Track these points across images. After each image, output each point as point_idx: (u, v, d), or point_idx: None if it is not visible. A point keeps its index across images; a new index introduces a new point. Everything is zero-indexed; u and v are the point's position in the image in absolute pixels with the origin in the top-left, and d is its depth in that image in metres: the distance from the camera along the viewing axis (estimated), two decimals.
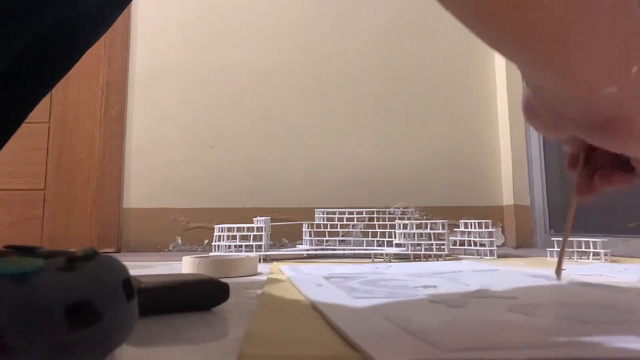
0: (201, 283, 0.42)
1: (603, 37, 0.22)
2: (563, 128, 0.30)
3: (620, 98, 0.25)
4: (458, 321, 0.34)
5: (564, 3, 0.20)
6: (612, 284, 0.52)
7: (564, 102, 0.27)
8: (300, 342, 0.30)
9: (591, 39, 0.22)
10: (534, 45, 0.22)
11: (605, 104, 0.25)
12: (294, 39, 1.65)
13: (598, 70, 0.23)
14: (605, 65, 0.23)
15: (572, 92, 0.25)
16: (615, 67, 0.23)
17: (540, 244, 1.52)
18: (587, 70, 0.23)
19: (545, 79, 0.26)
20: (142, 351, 0.30)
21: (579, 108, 0.26)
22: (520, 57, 0.25)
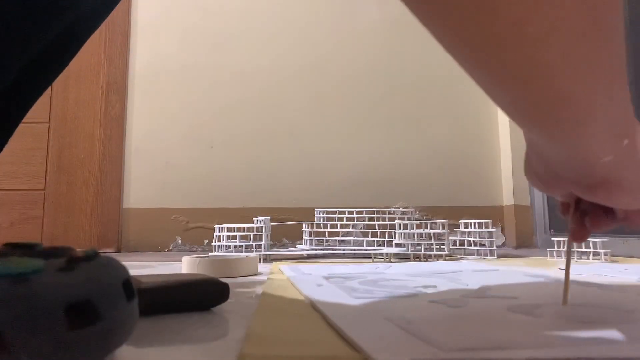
0: (201, 283, 0.42)
1: (605, 114, 0.25)
2: (561, 187, 0.33)
3: (615, 165, 0.28)
4: (458, 321, 0.34)
5: (575, 84, 0.23)
6: (612, 284, 0.52)
7: (564, 166, 0.31)
8: (300, 342, 0.30)
9: (596, 116, 0.25)
10: (542, 119, 0.25)
11: (602, 170, 0.29)
12: (293, 40, 1.65)
13: (599, 143, 0.26)
14: (605, 138, 0.26)
15: (572, 159, 0.28)
16: (612, 140, 0.27)
17: (540, 244, 1.52)
18: (591, 143, 0.26)
19: (549, 146, 0.29)
20: (142, 351, 0.30)
21: (577, 172, 0.30)
22: (526, 125, 0.28)
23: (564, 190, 0.34)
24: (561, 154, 0.29)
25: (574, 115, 0.25)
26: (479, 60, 0.24)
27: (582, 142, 0.26)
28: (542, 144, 0.30)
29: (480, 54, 0.23)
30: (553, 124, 0.25)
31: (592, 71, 0.23)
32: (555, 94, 0.23)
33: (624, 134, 0.27)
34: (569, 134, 0.26)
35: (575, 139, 0.26)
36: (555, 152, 0.29)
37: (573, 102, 0.24)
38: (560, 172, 0.32)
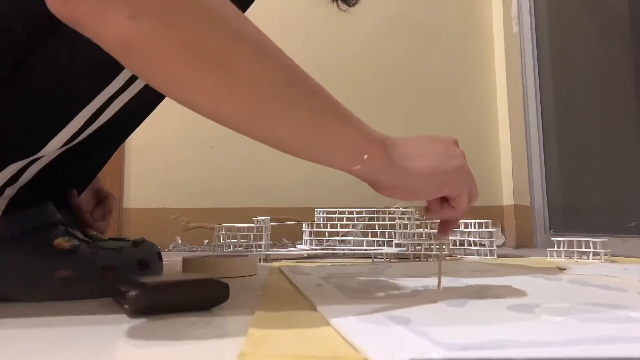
0: (201, 283, 0.42)
1: (334, 153, 0.39)
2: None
3: (363, 173, 0.41)
4: (458, 321, 0.34)
5: (310, 151, 0.39)
6: (612, 284, 0.52)
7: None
8: (300, 342, 0.30)
9: (326, 159, 0.40)
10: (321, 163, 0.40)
11: (362, 175, 0.41)
12: (292, 39, 1.65)
13: (344, 162, 0.40)
14: (345, 158, 0.40)
15: (352, 173, 0.41)
16: (352, 158, 0.40)
17: (540, 244, 1.52)
18: (339, 164, 0.40)
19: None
20: (142, 351, 0.30)
21: (360, 177, 0.42)
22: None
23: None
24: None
25: (320, 161, 0.39)
26: (282, 149, 0.38)
27: (341, 166, 0.40)
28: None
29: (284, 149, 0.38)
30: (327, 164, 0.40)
31: (316, 150, 0.38)
32: (308, 158, 0.39)
33: (361, 153, 0.39)
34: (337, 165, 0.40)
35: (339, 166, 0.40)
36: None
37: (317, 160, 0.39)
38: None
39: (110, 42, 0.30)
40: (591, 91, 1.45)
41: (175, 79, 0.32)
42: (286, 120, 0.36)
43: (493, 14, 1.74)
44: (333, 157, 0.39)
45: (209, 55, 0.31)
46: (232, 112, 0.34)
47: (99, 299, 0.48)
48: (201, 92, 0.32)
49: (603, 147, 1.36)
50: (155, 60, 0.30)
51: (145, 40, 0.29)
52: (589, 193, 1.42)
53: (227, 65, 0.32)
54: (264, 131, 0.36)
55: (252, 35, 0.33)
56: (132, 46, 0.29)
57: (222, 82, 0.32)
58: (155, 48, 0.30)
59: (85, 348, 0.31)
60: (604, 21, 1.42)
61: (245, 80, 0.33)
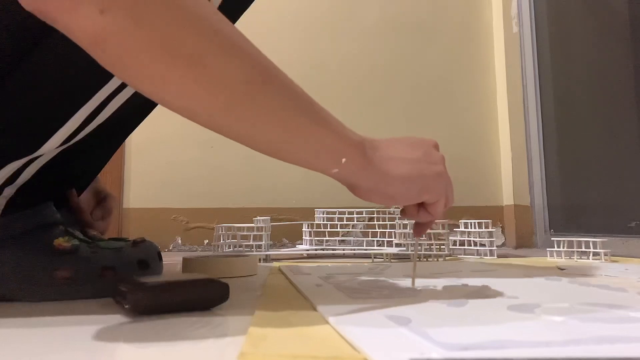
0: (201, 283, 0.42)
1: (311, 156, 0.39)
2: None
3: (341, 176, 0.41)
4: (458, 321, 0.34)
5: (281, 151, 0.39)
6: (612, 284, 0.52)
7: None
8: (300, 342, 0.30)
9: (306, 160, 0.40)
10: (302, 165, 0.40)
11: (341, 178, 0.41)
12: (292, 38, 1.65)
13: (321, 165, 0.40)
14: (323, 162, 0.40)
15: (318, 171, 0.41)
16: (330, 161, 0.39)
17: (540, 244, 1.52)
18: (316, 167, 0.40)
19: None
20: (142, 351, 0.30)
21: (338, 179, 0.42)
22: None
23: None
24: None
25: (300, 163, 0.40)
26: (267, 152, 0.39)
27: (317, 167, 0.40)
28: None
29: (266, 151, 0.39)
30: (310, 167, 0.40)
31: (292, 151, 0.39)
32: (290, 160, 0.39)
33: (338, 156, 0.39)
34: (313, 167, 0.40)
35: (315, 168, 0.40)
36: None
37: (294, 161, 0.39)
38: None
39: (80, 36, 0.30)
40: (591, 91, 1.45)
41: (146, 75, 0.31)
42: (259, 119, 0.35)
43: (493, 14, 1.74)
44: (309, 159, 0.39)
45: (180, 51, 0.31)
46: (204, 110, 0.34)
47: (99, 299, 0.48)
48: (172, 88, 0.32)
49: (603, 147, 1.36)
50: (126, 55, 0.30)
51: (115, 35, 0.29)
52: (589, 193, 1.42)
53: (199, 62, 0.31)
54: (237, 130, 0.36)
55: (226, 32, 0.33)
56: (102, 41, 0.29)
57: (193, 79, 0.32)
58: (125, 43, 0.29)
59: (85, 348, 0.31)
60: (604, 21, 1.42)
61: (217, 77, 0.32)
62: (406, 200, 0.44)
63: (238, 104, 0.34)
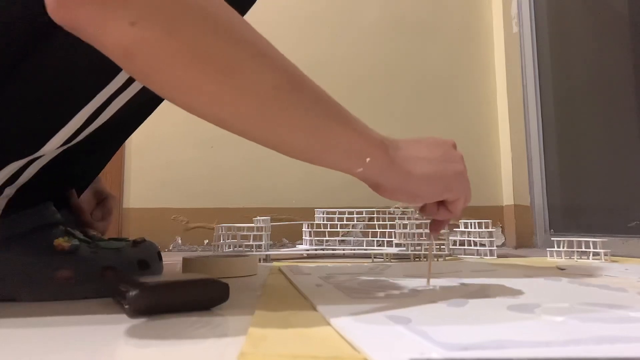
0: (201, 283, 0.42)
1: (337, 157, 0.40)
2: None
3: (366, 175, 0.41)
4: (458, 321, 0.34)
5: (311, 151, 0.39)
6: (612, 284, 0.52)
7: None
8: (300, 342, 0.30)
9: (328, 161, 0.40)
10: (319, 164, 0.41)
11: (365, 178, 0.42)
12: (291, 38, 1.65)
13: (346, 164, 0.40)
14: (347, 162, 0.40)
15: (356, 176, 0.42)
16: (354, 161, 0.40)
17: (540, 244, 1.52)
18: (341, 166, 0.40)
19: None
20: (142, 351, 0.30)
21: (362, 179, 0.42)
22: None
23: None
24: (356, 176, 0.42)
25: (326, 163, 0.40)
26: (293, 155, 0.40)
27: (343, 168, 0.41)
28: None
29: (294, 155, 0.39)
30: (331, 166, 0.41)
31: (319, 153, 0.39)
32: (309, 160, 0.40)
33: (363, 156, 0.40)
34: (339, 168, 0.41)
35: (341, 168, 0.41)
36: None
37: (320, 162, 0.40)
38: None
39: (111, 48, 0.30)
40: (591, 91, 1.45)
41: (177, 84, 0.32)
42: (287, 123, 0.36)
43: (493, 14, 1.74)
44: (335, 160, 0.40)
45: (211, 60, 0.31)
46: (234, 116, 0.35)
47: (99, 299, 0.48)
48: (203, 96, 0.33)
49: (603, 147, 1.36)
50: (157, 65, 0.31)
51: (146, 46, 0.29)
52: (589, 193, 1.42)
53: (229, 70, 0.32)
54: (266, 135, 0.37)
55: (254, 40, 0.34)
56: (133, 52, 0.30)
57: (224, 87, 0.32)
58: (156, 54, 0.30)
59: (85, 348, 0.31)
60: (604, 21, 1.42)
61: (247, 84, 0.33)
62: (430, 198, 0.45)
63: (268, 111, 0.35)
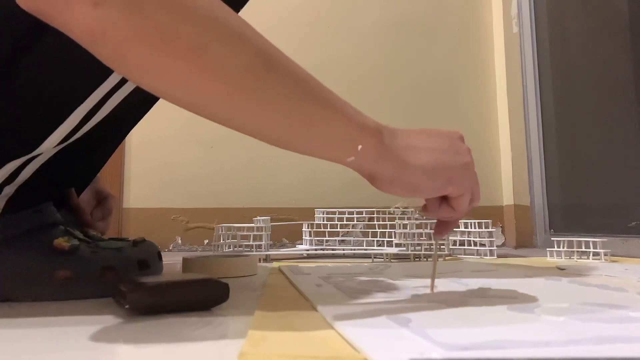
0: (201, 283, 0.42)
1: (322, 144, 0.37)
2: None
3: (358, 165, 0.38)
4: (458, 321, 0.34)
5: (307, 147, 0.37)
6: (612, 284, 0.52)
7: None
8: (300, 342, 0.30)
9: (312, 148, 0.38)
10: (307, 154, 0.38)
11: (357, 167, 0.39)
12: (291, 38, 1.65)
13: (334, 153, 0.38)
14: (336, 149, 0.38)
15: (348, 165, 0.39)
16: (344, 149, 0.37)
17: (540, 244, 1.52)
18: (327, 154, 0.38)
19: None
20: (142, 351, 0.30)
21: (355, 169, 0.39)
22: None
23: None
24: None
25: (310, 151, 0.38)
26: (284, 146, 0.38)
27: (332, 157, 0.38)
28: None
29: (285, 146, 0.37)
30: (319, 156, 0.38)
31: (302, 140, 0.37)
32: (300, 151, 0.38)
33: (353, 143, 0.37)
34: (327, 157, 0.38)
35: (330, 157, 0.38)
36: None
37: (306, 151, 0.38)
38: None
39: (77, 32, 0.29)
40: (591, 91, 1.45)
41: (145, 67, 0.30)
42: (266, 108, 0.34)
43: (493, 14, 1.74)
44: (322, 148, 0.37)
45: (178, 40, 0.30)
46: (207, 100, 0.33)
47: (99, 299, 0.48)
48: (173, 79, 0.31)
49: (603, 147, 1.36)
50: (123, 48, 0.29)
51: (111, 28, 0.28)
52: (589, 193, 1.42)
53: (199, 50, 0.30)
54: (242, 120, 0.35)
55: (225, 19, 0.32)
56: (98, 35, 0.29)
57: (194, 68, 0.31)
58: (121, 35, 0.29)
59: (85, 348, 0.31)
60: (604, 21, 1.42)
61: (219, 65, 0.31)
62: (430, 191, 0.41)
63: (241, 93, 0.33)
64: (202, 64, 0.31)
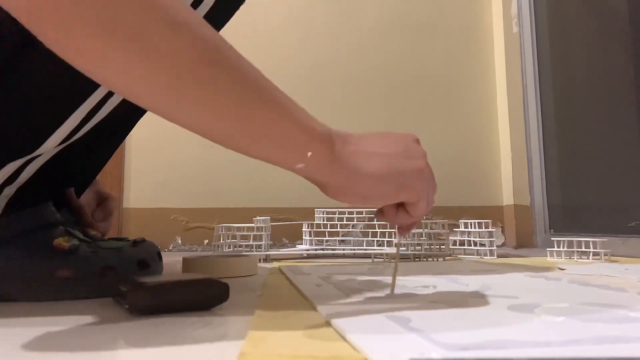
0: (201, 283, 0.42)
1: (268, 148, 0.36)
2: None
3: (308, 173, 0.37)
4: (458, 320, 0.34)
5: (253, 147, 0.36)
6: (612, 284, 0.52)
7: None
8: (300, 342, 0.30)
9: (257, 153, 0.37)
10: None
11: (308, 175, 0.38)
12: (291, 39, 1.65)
13: (283, 159, 0.37)
14: (285, 156, 0.37)
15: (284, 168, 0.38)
16: (293, 155, 0.36)
17: (540, 244, 1.52)
18: (274, 159, 0.37)
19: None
20: (142, 351, 0.30)
21: (305, 177, 0.38)
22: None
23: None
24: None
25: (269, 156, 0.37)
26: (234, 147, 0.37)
27: (280, 162, 0.37)
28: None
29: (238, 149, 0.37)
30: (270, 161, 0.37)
31: (248, 143, 0.36)
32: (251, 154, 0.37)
33: (302, 149, 0.36)
34: (275, 162, 0.37)
35: (278, 163, 0.37)
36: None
37: (254, 155, 0.37)
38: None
39: (15, 11, 0.28)
40: (591, 91, 1.45)
41: (84, 51, 0.29)
42: (208, 105, 0.32)
43: (493, 14, 1.74)
44: (269, 153, 0.36)
45: (118, 26, 0.28)
46: (147, 91, 0.31)
47: (99, 299, 0.48)
48: (112, 66, 0.30)
49: (603, 147, 1.36)
50: (62, 30, 0.28)
51: (49, 8, 0.27)
52: (589, 193, 1.42)
53: (139, 38, 0.29)
54: (184, 115, 0.33)
55: (173, 8, 0.31)
56: (36, 14, 0.27)
57: (134, 56, 0.29)
58: (60, 17, 0.27)
59: (85, 348, 0.31)
60: (604, 21, 1.42)
61: (161, 56, 0.30)
62: (382, 200, 0.40)
63: (183, 87, 0.31)
64: (143, 53, 0.29)
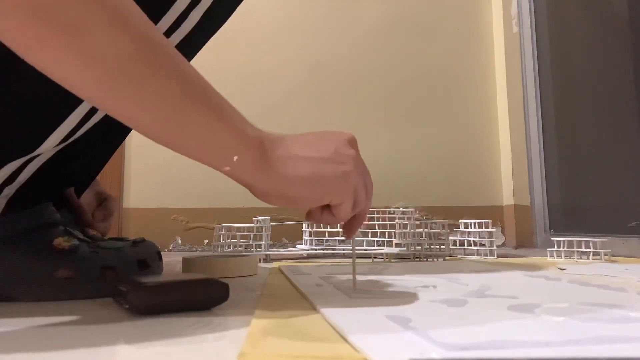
0: (201, 283, 0.42)
1: (198, 149, 0.38)
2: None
3: (235, 175, 0.39)
4: (458, 320, 0.34)
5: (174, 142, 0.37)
6: (612, 284, 0.52)
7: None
8: (300, 342, 0.30)
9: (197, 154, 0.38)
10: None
11: (231, 177, 0.39)
12: (291, 38, 1.65)
13: (211, 162, 0.38)
14: (212, 159, 0.38)
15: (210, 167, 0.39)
16: (220, 158, 0.38)
17: (540, 244, 1.52)
18: (203, 159, 0.38)
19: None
20: (142, 351, 0.30)
21: (232, 178, 0.40)
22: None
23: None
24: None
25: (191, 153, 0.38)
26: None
27: (207, 163, 0.38)
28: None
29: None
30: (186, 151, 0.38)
31: (178, 143, 0.37)
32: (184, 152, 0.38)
33: (230, 153, 0.37)
34: (203, 162, 0.38)
35: (206, 163, 0.38)
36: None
37: (184, 153, 0.38)
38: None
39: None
40: (591, 91, 1.45)
41: (24, 38, 0.29)
42: (142, 102, 0.33)
43: (493, 14, 1.74)
44: (198, 154, 0.37)
45: (58, 16, 0.29)
46: (82, 82, 0.32)
47: (99, 299, 0.48)
48: (50, 55, 0.30)
49: (603, 147, 1.36)
50: (2, 15, 0.28)
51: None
52: (589, 193, 1.42)
53: (78, 30, 0.29)
54: (119, 110, 0.34)
55: (113, 3, 0.31)
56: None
57: (72, 48, 0.30)
58: (1, 2, 0.28)
59: (85, 348, 0.31)
60: (604, 21, 1.42)
61: (97, 49, 0.30)
62: (308, 203, 0.41)
63: (117, 82, 0.32)
64: (81, 44, 0.30)
